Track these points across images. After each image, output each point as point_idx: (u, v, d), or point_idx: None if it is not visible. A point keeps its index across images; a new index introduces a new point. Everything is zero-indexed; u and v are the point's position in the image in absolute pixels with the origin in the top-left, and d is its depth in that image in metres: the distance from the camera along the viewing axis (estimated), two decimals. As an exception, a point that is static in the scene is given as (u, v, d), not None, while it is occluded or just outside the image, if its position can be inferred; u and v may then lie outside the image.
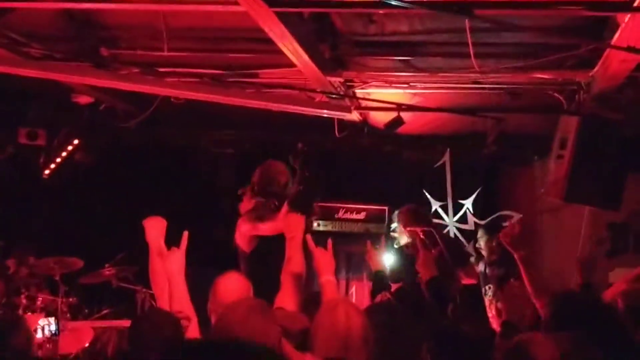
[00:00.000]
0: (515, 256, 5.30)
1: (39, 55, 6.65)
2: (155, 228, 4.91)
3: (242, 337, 3.34)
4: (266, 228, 5.93)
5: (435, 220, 8.88)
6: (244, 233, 5.99)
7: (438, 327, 4.91)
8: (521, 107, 7.99)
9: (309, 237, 4.93)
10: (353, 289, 9.00)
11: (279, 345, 3.45)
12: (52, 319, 7.74)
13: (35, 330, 7.21)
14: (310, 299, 4.77)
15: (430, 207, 9.50)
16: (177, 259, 4.62)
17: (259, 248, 5.91)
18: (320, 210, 8.86)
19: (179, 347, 3.81)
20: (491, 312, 7.77)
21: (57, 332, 7.64)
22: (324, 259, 4.78)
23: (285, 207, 5.57)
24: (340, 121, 8.02)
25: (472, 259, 8.22)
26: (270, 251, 5.62)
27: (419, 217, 7.56)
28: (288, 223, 5.07)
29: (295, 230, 5.02)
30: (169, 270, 4.58)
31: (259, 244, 5.94)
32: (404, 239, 7.19)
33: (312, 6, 5.64)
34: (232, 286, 4.44)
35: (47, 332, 7.59)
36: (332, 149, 9.23)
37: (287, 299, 4.70)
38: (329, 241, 4.88)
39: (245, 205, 6.29)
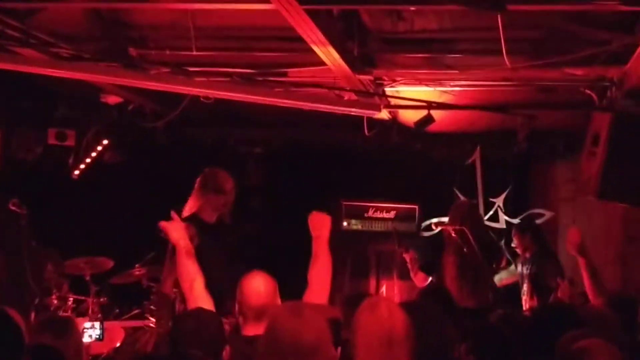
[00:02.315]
0: (581, 262, 5.37)
1: (67, 56, 6.66)
2: (176, 230, 5.01)
3: (301, 338, 3.37)
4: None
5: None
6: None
7: (478, 326, 4.86)
8: (552, 104, 7.92)
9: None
10: (383, 288, 8.96)
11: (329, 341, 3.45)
12: (97, 324, 7.70)
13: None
14: (349, 300, 4.75)
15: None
16: (178, 227, 4.99)
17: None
18: (349, 209, 8.83)
19: (222, 345, 3.85)
20: (527, 305, 7.71)
21: (101, 337, 7.62)
22: (320, 220, 4.97)
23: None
24: (370, 119, 7.97)
25: (511, 261, 8.16)
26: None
27: (463, 215, 7.57)
28: (314, 222, 5.05)
29: (321, 229, 5.00)
30: (172, 240, 4.91)
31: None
32: None
33: (342, 3, 5.62)
34: (258, 288, 4.41)
35: (94, 337, 7.56)
36: (361, 148, 9.19)
37: (314, 297, 4.71)
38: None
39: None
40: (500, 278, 8.02)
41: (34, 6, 6.08)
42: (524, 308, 7.71)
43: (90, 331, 7.67)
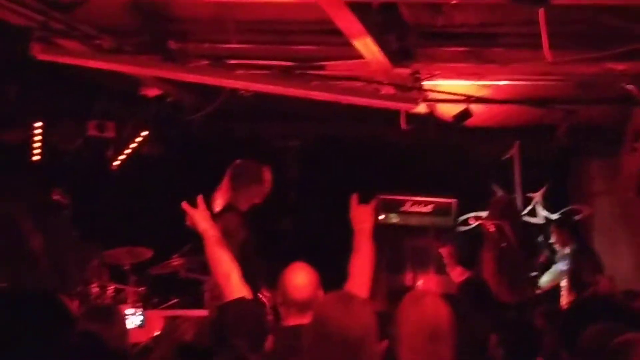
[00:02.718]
0: None
1: (109, 48, 6.73)
2: (203, 218, 4.80)
3: (345, 328, 3.37)
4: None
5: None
6: None
7: (505, 318, 4.85)
8: (592, 99, 7.87)
9: (355, 196, 4.95)
10: (420, 282, 8.94)
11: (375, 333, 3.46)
12: (139, 311, 7.82)
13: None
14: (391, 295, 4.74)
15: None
16: (204, 216, 4.76)
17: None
18: (386, 202, 8.82)
19: (264, 335, 3.87)
20: (564, 301, 7.67)
21: (143, 324, 7.74)
22: (363, 213, 4.91)
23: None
24: (407, 113, 7.94)
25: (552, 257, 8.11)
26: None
27: (502, 210, 7.54)
28: (356, 214, 5.01)
29: (364, 222, 4.96)
30: (199, 228, 4.71)
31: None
32: None
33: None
34: (301, 282, 4.41)
35: (136, 323, 7.69)
36: (398, 142, 9.18)
37: (355, 289, 4.62)
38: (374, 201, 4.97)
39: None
40: (546, 281, 7.97)
41: (77, -2, 6.16)
42: (562, 300, 7.68)
43: (132, 318, 7.82)
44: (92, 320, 4.39)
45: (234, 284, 4.59)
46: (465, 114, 7.49)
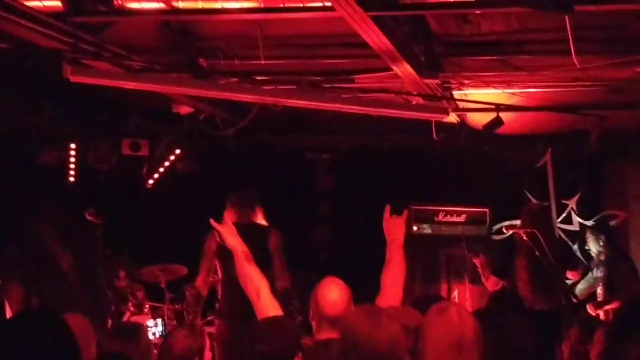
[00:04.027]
0: None
1: (140, 68, 6.81)
2: (231, 234, 4.77)
3: (374, 342, 3.38)
4: None
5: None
6: None
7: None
8: (624, 104, 7.80)
9: (388, 207, 4.95)
10: (455, 293, 8.91)
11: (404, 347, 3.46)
12: (159, 320, 8.00)
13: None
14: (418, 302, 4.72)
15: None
16: (231, 232, 4.71)
17: None
18: (419, 213, 8.81)
19: (295, 352, 3.88)
20: (600, 313, 7.59)
21: (164, 333, 7.89)
22: (395, 225, 4.88)
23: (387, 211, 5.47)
24: (438, 123, 7.94)
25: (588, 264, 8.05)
26: None
27: (534, 218, 7.51)
28: (389, 226, 5.01)
29: (396, 233, 4.96)
30: (228, 245, 4.67)
31: None
32: None
33: (408, 9, 5.62)
34: (333, 298, 4.41)
35: (157, 334, 7.85)
36: (430, 152, 9.18)
37: (387, 301, 4.63)
38: (405, 211, 4.95)
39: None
40: (582, 289, 7.91)
41: (107, 20, 6.25)
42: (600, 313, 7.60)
43: (154, 329, 8.05)
44: (116, 339, 4.45)
45: (264, 300, 4.58)
46: (496, 123, 7.47)
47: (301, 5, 5.65)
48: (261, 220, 7.10)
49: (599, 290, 7.71)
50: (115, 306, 7.49)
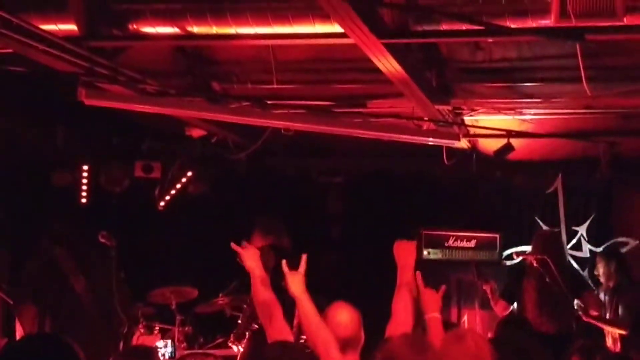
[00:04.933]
0: None
1: (154, 91, 6.88)
2: (250, 257, 4.83)
3: None
4: None
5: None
6: None
7: None
8: (635, 131, 7.82)
9: (419, 274, 4.84)
10: (465, 318, 8.90)
11: None
12: (168, 342, 8.01)
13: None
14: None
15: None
16: (298, 281, 4.56)
17: None
18: (429, 238, 8.81)
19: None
20: (610, 340, 7.57)
21: (173, 354, 7.89)
22: (432, 297, 4.69)
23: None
24: (449, 149, 7.98)
25: (595, 290, 8.02)
26: None
27: (545, 244, 7.51)
28: (399, 250, 5.00)
29: (407, 257, 4.95)
30: (292, 293, 4.53)
31: None
32: None
33: (420, 36, 5.67)
34: (343, 320, 4.42)
35: (167, 355, 7.85)
36: (441, 177, 9.19)
37: (399, 327, 4.63)
38: (442, 287, 4.78)
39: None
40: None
41: (121, 44, 6.32)
42: (607, 338, 7.58)
43: (163, 349, 8.01)
44: None
45: (276, 325, 4.60)
46: (507, 149, 7.50)
47: (315, 31, 5.69)
48: (286, 244, 7.08)
49: (608, 317, 7.69)
50: (127, 328, 7.49)
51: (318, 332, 4.39)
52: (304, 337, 4.87)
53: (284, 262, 4.66)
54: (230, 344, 7.33)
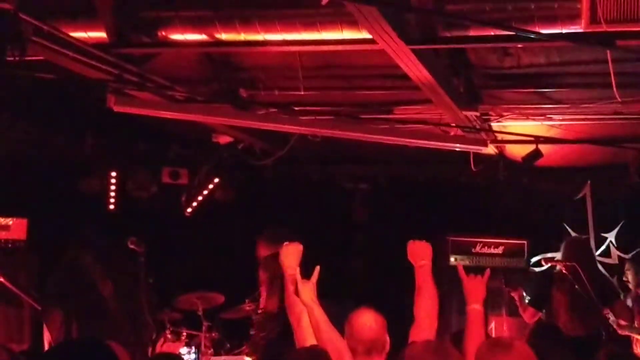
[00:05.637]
0: None
1: (182, 98, 6.91)
2: (290, 255, 4.81)
3: None
4: None
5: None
6: None
7: None
8: (664, 137, 7.75)
9: (460, 265, 4.77)
10: (492, 325, 8.84)
11: None
12: (192, 348, 8.03)
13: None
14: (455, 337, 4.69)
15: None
16: (309, 289, 4.53)
17: None
18: (456, 244, 8.78)
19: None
20: (637, 347, 7.50)
21: None
22: (475, 287, 4.65)
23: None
24: (476, 155, 7.95)
25: (622, 296, 7.95)
26: None
27: (575, 251, 7.47)
28: (414, 251, 4.91)
29: (423, 258, 4.84)
30: (302, 301, 4.52)
31: None
32: None
33: (449, 42, 5.65)
34: (367, 322, 4.41)
35: None
36: (468, 183, 9.16)
37: (422, 332, 4.56)
38: (487, 271, 4.73)
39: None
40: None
41: (150, 51, 6.35)
42: (634, 345, 7.51)
43: (187, 356, 8.04)
44: None
45: (304, 328, 4.57)
46: (535, 155, 7.45)
47: (343, 37, 5.69)
48: None
49: (636, 324, 7.62)
50: (155, 334, 7.52)
51: (330, 341, 4.37)
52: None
53: (297, 270, 4.63)
54: (245, 356, 7.33)
